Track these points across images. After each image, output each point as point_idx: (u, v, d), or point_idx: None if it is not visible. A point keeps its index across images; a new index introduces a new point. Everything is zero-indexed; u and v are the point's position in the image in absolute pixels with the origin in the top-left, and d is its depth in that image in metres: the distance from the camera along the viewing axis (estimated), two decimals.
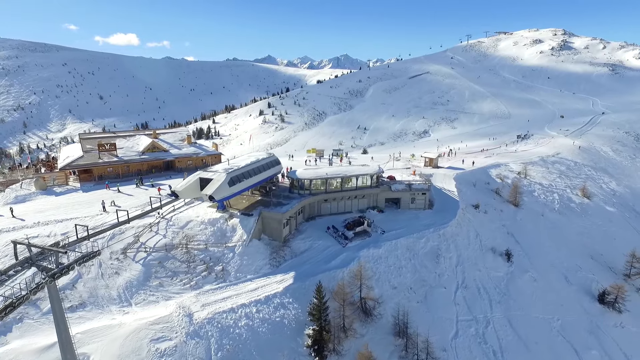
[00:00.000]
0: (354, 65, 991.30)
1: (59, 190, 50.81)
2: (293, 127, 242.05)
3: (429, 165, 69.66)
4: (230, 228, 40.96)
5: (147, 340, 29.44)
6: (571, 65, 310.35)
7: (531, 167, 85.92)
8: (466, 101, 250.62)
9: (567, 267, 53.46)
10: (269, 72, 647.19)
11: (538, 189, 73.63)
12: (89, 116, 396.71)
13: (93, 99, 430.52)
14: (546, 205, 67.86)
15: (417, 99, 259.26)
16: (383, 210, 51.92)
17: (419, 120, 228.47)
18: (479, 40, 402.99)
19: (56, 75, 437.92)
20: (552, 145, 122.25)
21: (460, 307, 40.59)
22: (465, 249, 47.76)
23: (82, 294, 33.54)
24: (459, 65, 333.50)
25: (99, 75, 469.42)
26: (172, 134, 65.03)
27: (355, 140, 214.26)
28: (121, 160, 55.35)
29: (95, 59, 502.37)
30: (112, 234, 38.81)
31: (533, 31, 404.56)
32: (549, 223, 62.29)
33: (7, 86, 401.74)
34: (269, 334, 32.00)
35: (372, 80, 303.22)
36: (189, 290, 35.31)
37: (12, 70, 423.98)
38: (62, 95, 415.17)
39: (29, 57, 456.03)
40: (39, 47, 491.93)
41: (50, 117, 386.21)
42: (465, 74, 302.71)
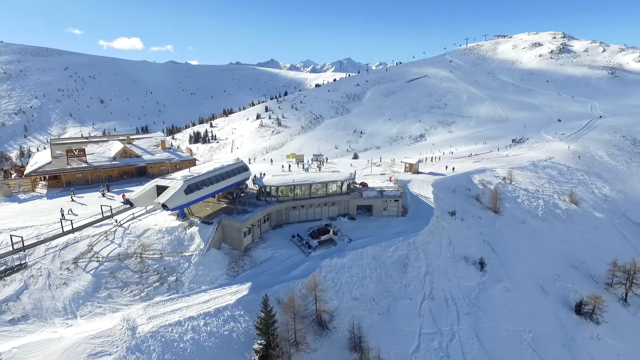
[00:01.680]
0: (357, 68, 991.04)
1: (24, 197, 50.02)
2: (289, 130, 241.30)
3: (408, 171, 68.38)
4: (188, 237, 39.90)
5: (85, 356, 28.33)
6: (570, 68, 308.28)
7: (519, 172, 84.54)
8: (464, 105, 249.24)
9: (544, 277, 52.00)
10: (270, 76, 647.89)
11: (522, 195, 72.21)
12: (90, 120, 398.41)
13: (94, 102, 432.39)
14: (529, 212, 66.41)
15: (414, 102, 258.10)
16: (354, 218, 50.75)
17: (415, 124, 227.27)
18: (478, 43, 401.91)
19: (57, 79, 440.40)
20: (546, 149, 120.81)
21: (424, 320, 39.23)
22: (436, 257, 46.42)
23: (25, 306, 32.49)
24: (457, 68, 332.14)
25: (100, 79, 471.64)
26: (147, 140, 64.23)
27: (351, 144, 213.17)
28: (90, 166, 54.53)
29: (97, 63, 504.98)
30: (65, 243, 37.89)
31: (532, 34, 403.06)
32: (529, 230, 60.85)
33: (9, 90, 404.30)
34: (215, 348, 30.83)
35: (370, 84, 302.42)
36: (138, 301, 34.21)
37: (14, 75, 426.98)
38: (63, 99, 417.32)
39: (31, 62, 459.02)
40: (41, 51, 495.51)
41: (51, 120, 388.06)
42: (464, 78, 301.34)
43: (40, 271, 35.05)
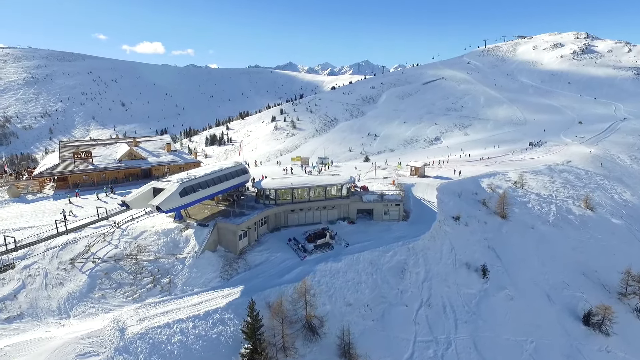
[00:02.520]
0: (374, 71, 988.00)
1: (31, 197, 51.44)
2: (304, 133, 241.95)
3: (414, 175, 67.27)
4: (183, 239, 40.15)
5: (73, 356, 28.67)
6: (593, 69, 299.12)
7: (532, 177, 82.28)
8: (481, 107, 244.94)
9: (552, 285, 50.19)
10: (287, 79, 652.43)
11: (534, 200, 70.07)
12: (112, 122, 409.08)
13: (116, 105, 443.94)
14: (539, 217, 64.35)
15: (430, 105, 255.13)
16: (354, 222, 50.19)
17: (431, 127, 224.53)
18: (496, 44, 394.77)
19: (81, 83, 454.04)
20: (564, 152, 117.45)
21: (420, 327, 38.33)
22: (436, 263, 45.38)
23: (21, 305, 33.19)
24: (475, 70, 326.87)
25: (122, 83, 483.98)
26: (153, 142, 65.24)
27: (365, 146, 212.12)
28: (96, 168, 55.71)
29: (119, 67, 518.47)
30: (64, 243, 38.66)
31: (554, 35, 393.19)
32: (538, 236, 58.90)
33: (36, 94, 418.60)
34: (202, 351, 30.80)
35: (385, 87, 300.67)
36: (131, 303, 34.53)
37: (40, 79, 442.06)
38: (86, 103, 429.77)
39: (57, 66, 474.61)
40: (67, 56, 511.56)
41: (75, 123, 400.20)
42: (482, 79, 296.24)
43: (38, 271, 35.82)
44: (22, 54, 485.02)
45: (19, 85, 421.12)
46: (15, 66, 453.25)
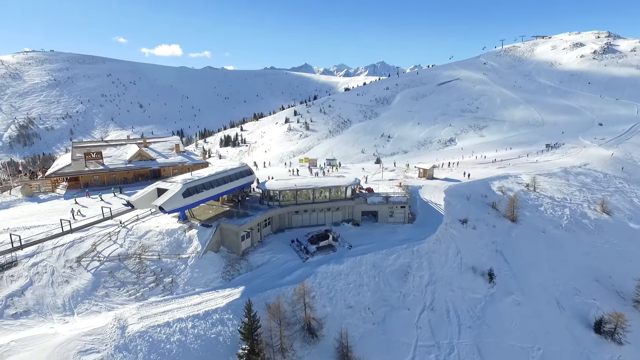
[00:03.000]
0: (390, 72, 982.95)
1: (43, 197, 52.83)
2: (317, 134, 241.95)
3: (422, 177, 66.50)
4: (187, 239, 40.59)
5: (75, 352, 29.27)
6: (615, 69, 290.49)
7: (547, 179, 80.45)
8: (497, 108, 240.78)
9: (562, 291, 48.87)
10: (302, 80, 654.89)
11: (546, 203, 68.44)
12: (130, 123, 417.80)
13: (134, 107, 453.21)
14: (551, 221, 62.79)
15: (444, 106, 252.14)
16: (359, 224, 49.89)
17: (445, 128, 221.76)
18: (514, 45, 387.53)
19: (101, 85, 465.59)
20: (582, 155, 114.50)
21: (422, 331, 37.79)
22: (441, 267, 44.71)
23: (28, 301, 34.06)
24: (491, 70, 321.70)
25: (140, 85, 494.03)
26: (162, 143, 66.29)
27: (378, 148, 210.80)
28: (107, 168, 56.90)
29: (137, 70, 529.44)
30: (71, 242, 39.54)
31: (574, 34, 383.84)
32: (550, 241, 57.45)
33: (58, 96, 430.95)
34: (200, 351, 31.03)
35: (399, 88, 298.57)
36: (133, 301, 35.06)
37: (62, 82, 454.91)
38: (105, 104, 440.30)
39: (77, 69, 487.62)
40: (87, 59, 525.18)
41: (95, 124, 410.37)
42: (498, 80, 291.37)
43: (45, 268, 36.71)
44: (45, 57, 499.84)
45: (42, 88, 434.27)
46: (38, 69, 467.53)
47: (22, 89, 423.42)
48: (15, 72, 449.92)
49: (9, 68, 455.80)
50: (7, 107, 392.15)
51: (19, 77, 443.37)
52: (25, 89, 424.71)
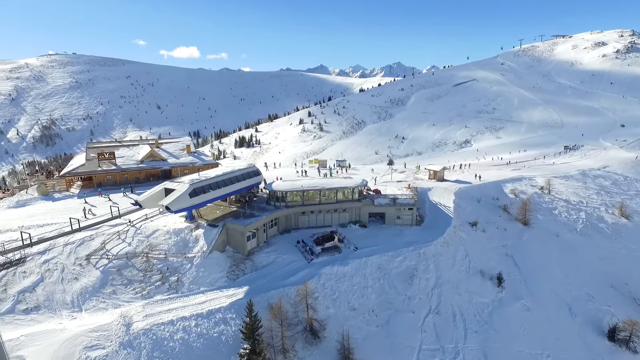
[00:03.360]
0: (406, 73, 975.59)
1: (58, 196, 54.26)
2: (331, 135, 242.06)
3: (433, 178, 65.74)
4: (193, 238, 41.09)
5: (81, 347, 29.93)
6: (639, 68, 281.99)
7: (563, 182, 78.54)
8: (514, 109, 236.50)
9: (574, 297, 47.62)
10: (317, 82, 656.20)
11: (561, 206, 66.79)
12: (147, 124, 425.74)
13: (152, 108, 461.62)
14: (566, 225, 61.25)
15: (460, 107, 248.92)
16: (366, 225, 49.64)
17: (460, 130, 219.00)
18: (533, 44, 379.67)
19: (120, 87, 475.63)
20: (601, 157, 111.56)
21: (427, 335, 37.34)
22: (448, 270, 44.11)
23: (39, 297, 35.03)
24: (509, 71, 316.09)
25: (158, 87, 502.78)
26: (174, 144, 67.35)
27: (392, 149, 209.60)
28: (119, 168, 58.12)
29: (155, 71, 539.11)
30: (82, 240, 40.50)
31: (596, 33, 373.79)
32: (563, 245, 56.07)
33: (79, 97, 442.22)
34: (202, 349, 31.34)
35: (414, 89, 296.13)
36: (139, 299, 35.66)
37: (83, 83, 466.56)
38: (124, 105, 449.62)
39: (98, 71, 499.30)
40: (107, 61, 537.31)
41: (114, 125, 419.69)
42: (516, 81, 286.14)
43: (56, 265, 37.69)
44: (68, 60, 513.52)
45: (64, 90, 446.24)
46: (61, 71, 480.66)
47: (45, 91, 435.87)
48: (39, 75, 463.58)
49: (34, 70, 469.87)
50: (31, 108, 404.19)
51: (42, 80, 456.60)
52: (48, 91, 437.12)
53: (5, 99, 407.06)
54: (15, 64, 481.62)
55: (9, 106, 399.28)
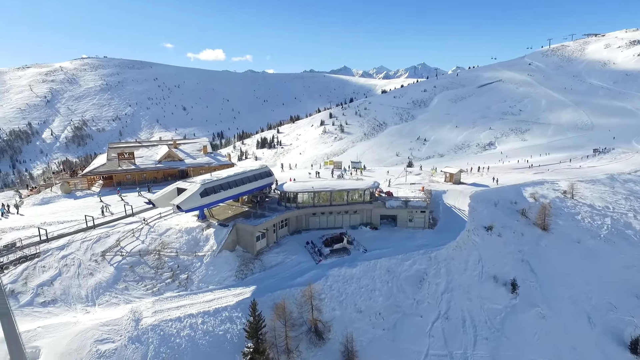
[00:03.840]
0: (431, 74, 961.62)
1: (80, 194, 56.38)
2: (352, 137, 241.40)
3: (449, 181, 64.59)
4: (204, 237, 41.84)
5: (92, 341, 31.00)
6: None
7: (589, 186, 75.64)
8: (542, 111, 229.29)
9: (594, 306, 45.79)
10: (340, 83, 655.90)
11: (585, 212, 64.33)
12: (173, 125, 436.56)
13: (177, 110, 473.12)
14: (589, 231, 58.96)
15: (485, 108, 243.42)
16: (377, 228, 49.28)
17: (484, 132, 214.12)
18: (562, 44, 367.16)
19: (148, 89, 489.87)
20: (633, 161, 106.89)
21: (434, 340, 36.71)
22: (459, 274, 43.23)
23: (56, 291, 36.46)
24: (537, 71, 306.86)
25: (184, 88, 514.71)
26: (192, 145, 68.86)
27: (413, 151, 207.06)
28: (138, 168, 59.88)
29: (181, 74, 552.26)
30: (98, 237, 41.96)
31: (631, 31, 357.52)
32: (585, 252, 53.99)
33: (109, 99, 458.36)
34: (208, 346, 31.88)
35: (438, 90, 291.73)
36: (150, 295, 36.58)
37: (113, 86, 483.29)
38: (152, 107, 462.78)
39: (127, 74, 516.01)
40: (136, 64, 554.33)
41: (141, 126, 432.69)
42: (544, 81, 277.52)
43: (73, 261, 39.16)
44: (99, 63, 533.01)
45: (95, 92, 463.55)
46: (92, 74, 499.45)
47: (77, 93, 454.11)
48: (72, 77, 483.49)
49: (67, 74, 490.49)
50: (65, 110, 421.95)
51: (75, 82, 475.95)
52: (80, 93, 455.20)
53: (41, 101, 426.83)
54: (50, 68, 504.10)
55: (45, 108, 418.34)
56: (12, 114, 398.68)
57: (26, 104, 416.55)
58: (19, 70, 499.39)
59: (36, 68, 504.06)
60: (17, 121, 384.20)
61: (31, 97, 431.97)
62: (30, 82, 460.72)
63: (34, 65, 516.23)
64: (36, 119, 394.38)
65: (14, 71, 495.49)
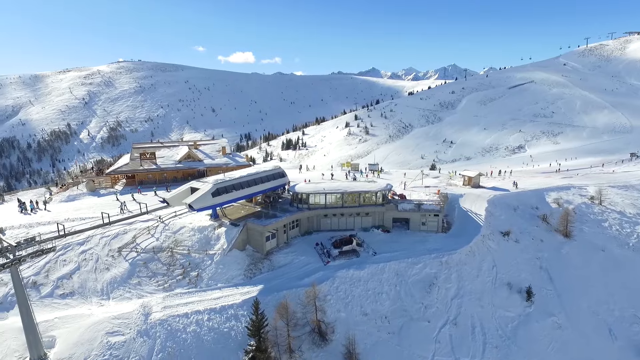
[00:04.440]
0: (462, 75, 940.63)
1: (103, 192, 58.88)
2: (376, 139, 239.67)
3: (467, 184, 63.08)
4: (215, 236, 42.80)
5: (103, 332, 32.34)
6: None
7: (620, 192, 71.94)
8: (576, 113, 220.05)
9: (617, 317, 43.61)
10: (367, 85, 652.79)
11: (613, 219, 61.23)
12: (202, 127, 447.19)
13: (207, 111, 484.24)
14: (616, 239, 56.09)
15: (515, 110, 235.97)
16: (389, 231, 48.84)
17: (514, 134, 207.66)
18: (601, 43, 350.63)
19: (179, 91, 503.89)
20: None
21: (441, 346, 36.04)
22: (471, 280, 42.20)
23: (74, 284, 38.30)
24: (572, 72, 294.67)
25: (213, 91, 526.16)
26: (211, 146, 70.53)
27: (439, 154, 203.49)
28: (158, 168, 61.92)
29: (211, 76, 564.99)
30: (116, 233, 43.74)
31: None
32: (610, 261, 51.42)
33: (142, 101, 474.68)
34: (212, 343, 32.61)
35: (466, 91, 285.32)
36: (161, 291, 37.80)
37: (146, 88, 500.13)
38: (182, 109, 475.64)
39: (160, 77, 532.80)
40: (169, 67, 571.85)
41: (172, 127, 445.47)
42: (579, 82, 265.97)
43: (92, 256, 41.01)
44: (134, 67, 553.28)
45: (130, 94, 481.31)
46: (127, 77, 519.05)
47: (113, 95, 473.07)
48: (108, 80, 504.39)
49: (104, 77, 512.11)
50: (101, 111, 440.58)
51: (111, 85, 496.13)
52: (115, 95, 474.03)
53: (79, 103, 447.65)
54: (89, 71, 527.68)
55: (82, 109, 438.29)
56: (53, 115, 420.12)
57: (66, 106, 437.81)
58: (61, 73, 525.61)
59: (76, 72, 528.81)
60: (58, 122, 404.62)
61: (70, 99, 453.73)
62: (70, 85, 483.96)
63: (74, 69, 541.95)
64: (74, 120, 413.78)
65: (55, 75, 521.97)
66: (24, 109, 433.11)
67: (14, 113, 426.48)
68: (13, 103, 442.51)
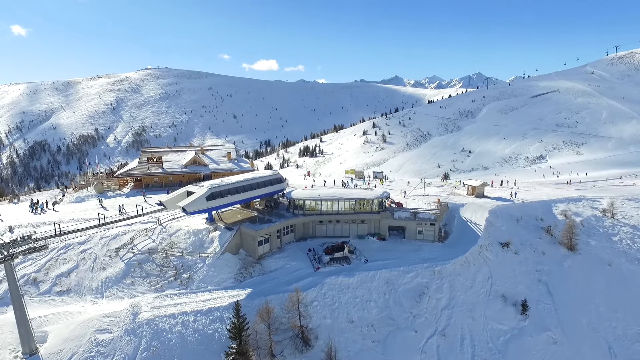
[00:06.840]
0: (487, 84, 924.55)
1: (111, 194, 60.90)
2: (393, 147, 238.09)
3: (471, 194, 62.02)
4: (209, 239, 43.65)
5: (93, 330, 33.50)
6: None
7: (636, 205, 69.21)
8: (601, 123, 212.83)
9: (618, 335, 41.84)
10: (388, 93, 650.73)
11: (625, 232, 58.94)
12: (224, 133, 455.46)
13: (228, 118, 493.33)
14: (625, 254, 53.93)
15: (537, 120, 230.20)
16: (385, 238, 48.60)
17: (535, 144, 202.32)
18: (631, 51, 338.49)
19: (202, 97, 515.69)
20: None
21: (426, 357, 35.47)
22: (464, 291, 41.44)
23: (71, 282, 39.77)
24: (599, 81, 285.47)
25: (235, 97, 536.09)
26: (218, 151, 71.95)
27: (456, 163, 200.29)
28: (165, 172, 63.63)
29: (234, 83, 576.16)
30: (115, 234, 45.21)
31: None
32: (617, 276, 49.43)
33: (167, 107, 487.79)
34: (196, 344, 33.23)
35: (487, 100, 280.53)
36: (152, 291, 38.79)
37: (171, 94, 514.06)
38: (205, 115, 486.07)
39: (185, 83, 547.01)
40: (193, 74, 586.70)
41: (194, 133, 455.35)
42: (606, 91, 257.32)
43: (90, 255, 42.50)
44: (160, 74, 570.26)
45: (155, 100, 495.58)
46: (153, 84, 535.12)
47: (139, 101, 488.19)
48: (135, 87, 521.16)
49: (132, 83, 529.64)
50: (127, 116, 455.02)
51: (138, 91, 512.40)
52: (142, 101, 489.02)
53: (107, 108, 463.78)
54: (117, 78, 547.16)
55: (110, 114, 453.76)
56: (83, 119, 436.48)
57: (95, 111, 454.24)
58: (91, 80, 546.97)
59: (105, 78, 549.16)
60: (87, 127, 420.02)
61: (99, 104, 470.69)
62: (100, 91, 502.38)
63: (104, 76, 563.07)
64: (102, 125, 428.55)
65: (86, 81, 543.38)
66: (56, 114, 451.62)
67: (46, 117, 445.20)
68: (46, 108, 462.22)
